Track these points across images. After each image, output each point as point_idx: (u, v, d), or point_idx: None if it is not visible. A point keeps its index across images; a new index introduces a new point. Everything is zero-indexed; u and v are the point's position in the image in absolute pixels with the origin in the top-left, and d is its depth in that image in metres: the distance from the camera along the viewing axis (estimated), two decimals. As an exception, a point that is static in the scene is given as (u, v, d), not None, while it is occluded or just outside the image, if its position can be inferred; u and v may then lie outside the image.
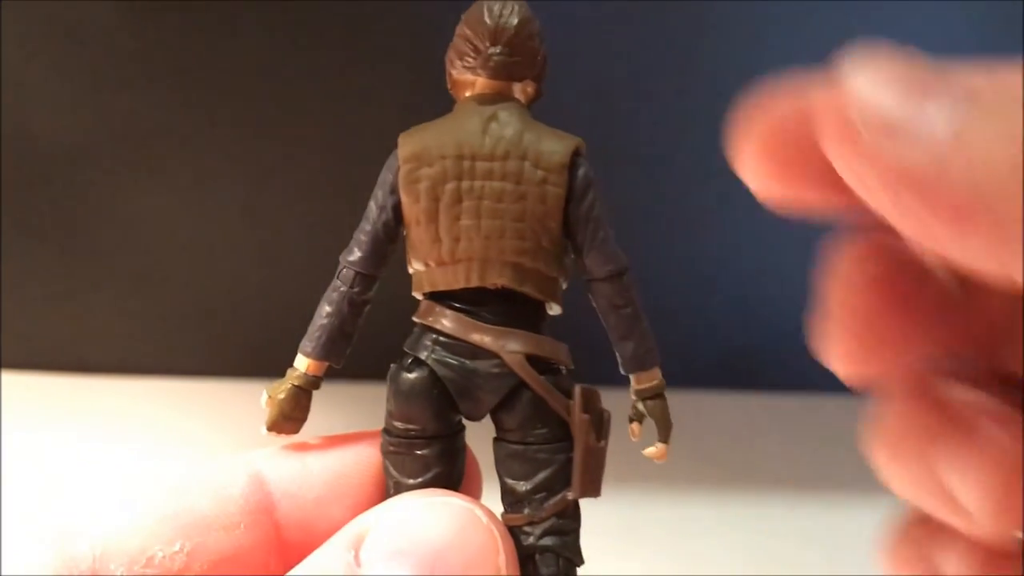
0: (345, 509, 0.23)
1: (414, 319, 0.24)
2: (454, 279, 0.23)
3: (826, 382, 0.20)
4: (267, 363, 0.63)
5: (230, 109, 0.60)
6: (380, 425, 0.25)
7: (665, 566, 0.43)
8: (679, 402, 0.24)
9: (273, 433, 0.24)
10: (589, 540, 0.24)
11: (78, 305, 0.63)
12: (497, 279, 0.23)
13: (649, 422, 0.25)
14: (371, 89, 0.60)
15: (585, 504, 0.24)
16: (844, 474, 0.55)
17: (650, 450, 0.24)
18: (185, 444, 0.55)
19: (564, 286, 0.24)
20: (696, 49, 0.61)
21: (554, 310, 0.24)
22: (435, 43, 0.26)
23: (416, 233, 0.23)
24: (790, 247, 0.65)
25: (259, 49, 0.59)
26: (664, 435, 0.24)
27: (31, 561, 0.21)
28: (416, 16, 0.58)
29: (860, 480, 0.24)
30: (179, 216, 0.62)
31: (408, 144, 0.23)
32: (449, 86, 0.25)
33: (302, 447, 0.24)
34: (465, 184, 0.23)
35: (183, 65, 0.59)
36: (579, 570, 0.24)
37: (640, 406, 0.24)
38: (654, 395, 0.24)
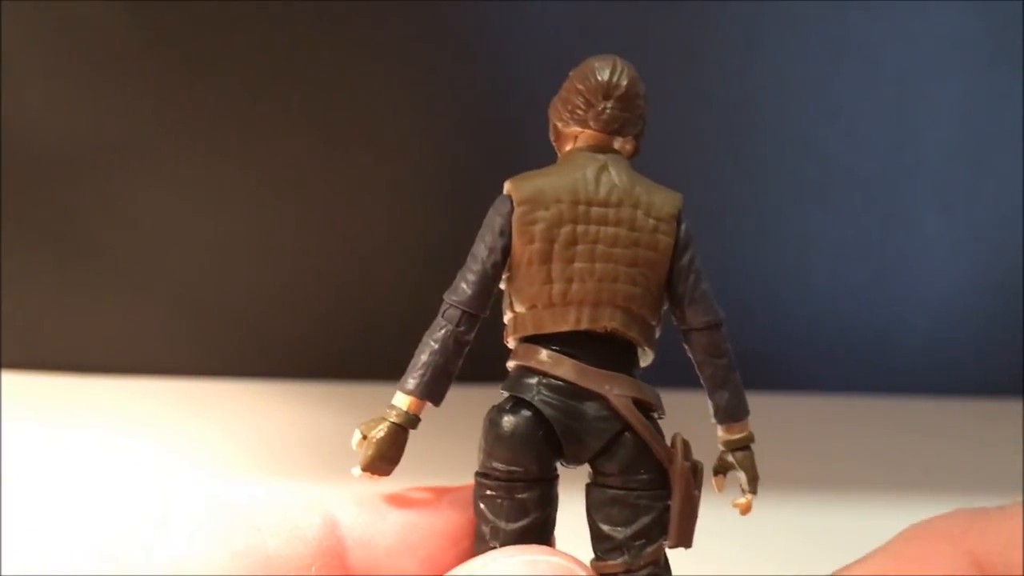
0: (418, 561, 0.23)
1: (511, 363, 0.24)
2: (563, 321, 0.23)
3: (826, 382, 0.20)
4: (268, 363, 0.63)
5: (230, 109, 0.60)
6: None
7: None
8: (679, 402, 0.24)
9: (367, 475, 0.23)
10: (588, 539, 0.24)
11: (78, 305, 0.63)
12: (608, 322, 0.23)
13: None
14: (371, 89, 0.60)
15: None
16: (844, 474, 0.55)
17: (740, 501, 0.25)
18: (186, 444, 0.55)
19: (656, 337, 0.24)
20: (700, 52, 0.61)
21: (647, 359, 0.25)
22: (436, 44, 0.26)
23: (526, 275, 0.24)
24: (790, 248, 0.65)
25: (259, 49, 0.59)
26: (752, 486, 0.25)
27: None
28: (417, 16, 0.58)
29: (860, 480, 0.24)
30: (179, 216, 0.62)
31: (522, 188, 0.24)
32: (553, 138, 0.25)
33: (378, 495, 0.24)
34: (580, 228, 0.23)
35: (183, 65, 0.59)
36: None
37: (729, 457, 0.25)
38: (743, 446, 0.25)
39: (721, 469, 0.25)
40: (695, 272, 0.24)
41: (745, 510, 0.25)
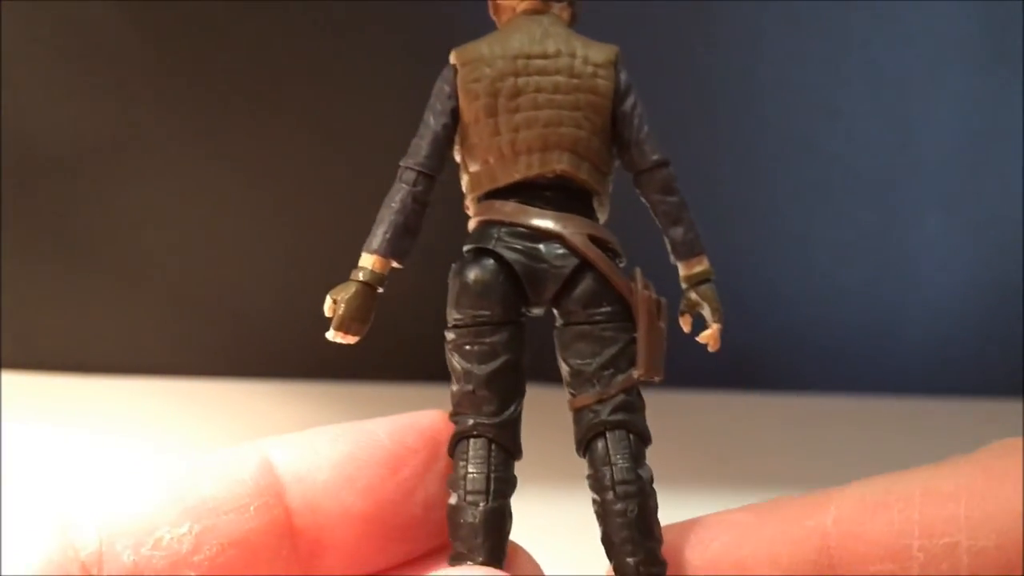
0: (356, 493, 0.23)
1: (473, 220, 0.25)
2: (515, 169, 0.24)
3: (826, 382, 0.20)
4: (267, 363, 0.63)
5: (230, 110, 0.60)
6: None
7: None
8: (679, 402, 0.24)
9: (340, 335, 0.25)
10: (588, 539, 0.24)
11: (78, 305, 0.63)
12: (556, 164, 0.24)
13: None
14: (371, 89, 0.60)
15: (585, 503, 0.24)
16: (844, 474, 0.55)
17: (704, 333, 0.25)
18: (186, 444, 0.55)
19: (609, 189, 0.25)
20: (701, 53, 0.61)
21: (603, 212, 0.25)
22: (436, 44, 0.26)
23: (475, 132, 0.25)
24: (790, 247, 0.65)
25: (259, 49, 0.59)
26: (717, 316, 0.25)
27: (33, 549, 0.21)
28: (418, 16, 0.58)
29: (860, 480, 0.24)
30: (179, 216, 0.62)
31: (465, 52, 0.25)
32: (492, 12, 0.26)
33: (311, 433, 0.24)
34: (522, 80, 0.24)
35: (182, 65, 0.59)
36: (576, 569, 0.24)
37: (692, 294, 0.25)
38: (703, 279, 0.25)
39: (687, 308, 0.25)
40: (638, 116, 0.25)
41: (710, 340, 0.25)
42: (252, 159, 0.61)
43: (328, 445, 0.24)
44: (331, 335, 0.25)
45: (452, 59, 0.25)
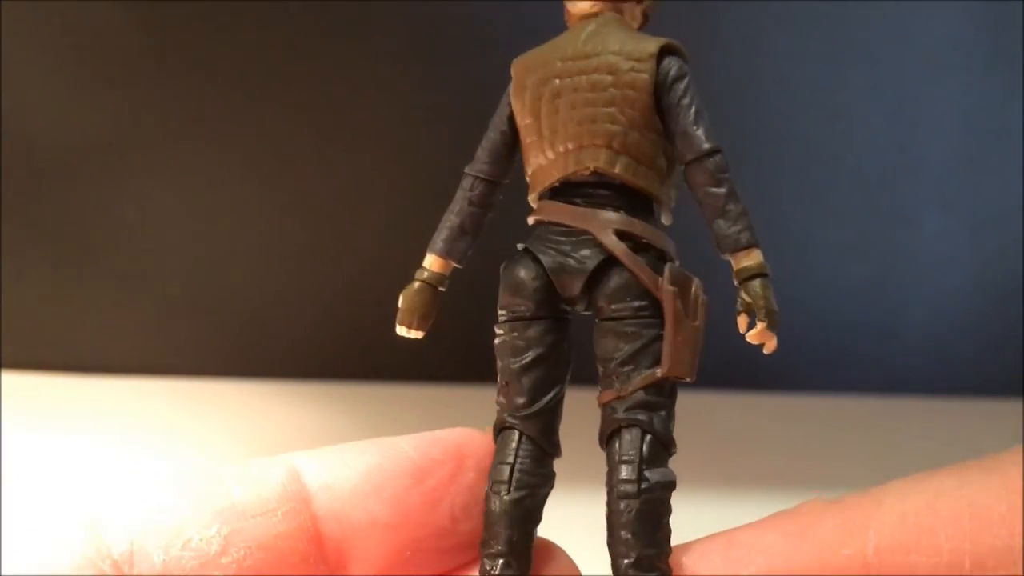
0: (381, 502, 0.23)
1: (531, 221, 0.25)
2: (556, 170, 0.24)
3: (826, 382, 0.20)
4: (267, 363, 0.63)
5: (230, 110, 0.60)
6: (380, 424, 0.25)
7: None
8: (679, 402, 0.24)
9: (403, 329, 0.25)
10: (588, 539, 0.24)
11: (78, 305, 0.63)
12: (591, 162, 0.24)
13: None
14: (372, 89, 0.60)
15: (585, 503, 0.24)
16: (844, 474, 0.55)
17: (751, 332, 0.23)
18: (186, 444, 0.55)
19: (670, 193, 0.25)
20: (701, 53, 0.61)
21: (664, 215, 0.25)
22: (436, 44, 0.26)
23: (525, 135, 0.25)
24: (790, 247, 0.65)
25: (258, 48, 0.59)
26: (763, 314, 0.23)
27: (64, 547, 0.21)
28: (419, 16, 0.58)
29: (860, 480, 0.24)
30: (179, 216, 0.62)
31: (519, 62, 0.25)
32: (567, 18, 0.26)
33: (338, 447, 0.24)
34: (562, 81, 0.24)
35: (182, 66, 0.59)
36: (587, 569, 0.24)
37: (742, 292, 0.23)
38: (754, 275, 0.24)
39: (742, 307, 0.24)
40: (685, 107, 0.24)
41: (759, 340, 0.23)
42: (254, 159, 0.61)
43: (355, 456, 0.24)
44: (399, 330, 0.26)
45: (512, 69, 0.25)
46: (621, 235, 0.24)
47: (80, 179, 0.61)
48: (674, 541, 0.23)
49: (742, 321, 0.24)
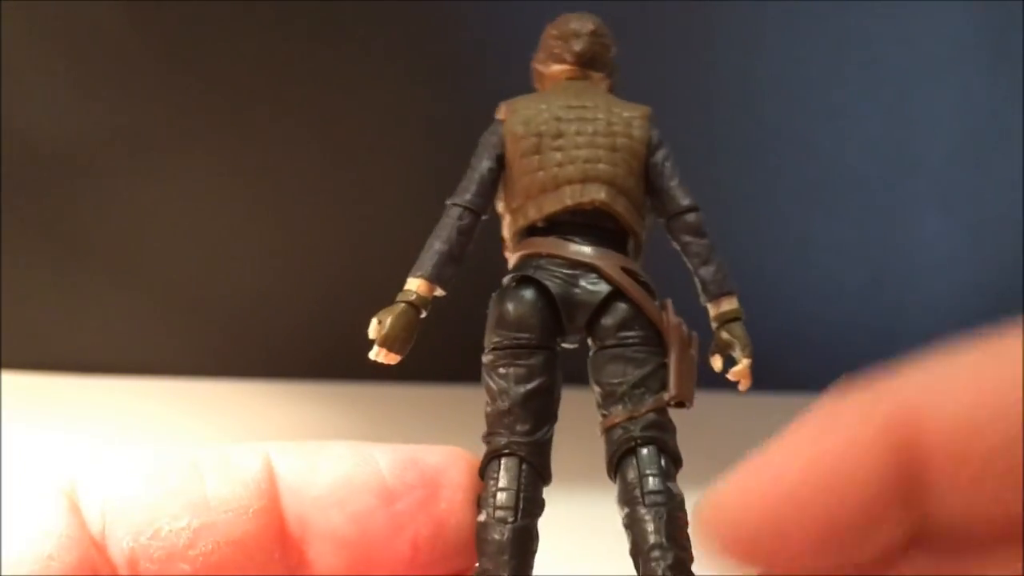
0: (344, 516, 0.23)
1: (513, 256, 0.26)
2: (556, 201, 0.25)
3: (826, 382, 0.20)
4: (266, 363, 0.63)
5: (230, 110, 0.60)
6: (379, 424, 0.25)
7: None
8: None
9: (381, 354, 0.25)
10: (588, 539, 0.24)
11: (78, 305, 0.63)
12: (595, 196, 0.25)
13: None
14: (369, 89, 0.60)
15: (584, 502, 0.24)
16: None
17: (734, 370, 0.26)
18: (186, 444, 0.55)
19: (644, 234, 0.26)
20: (701, 53, 0.61)
21: (638, 254, 0.26)
22: (435, 44, 0.26)
23: (519, 168, 0.26)
24: (790, 247, 0.65)
25: (255, 50, 0.59)
26: (747, 352, 0.26)
27: (46, 522, 0.21)
28: (417, 17, 0.58)
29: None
30: (178, 216, 0.62)
31: (511, 103, 0.27)
32: (536, 82, 0.28)
33: (317, 445, 0.24)
34: (563, 125, 0.26)
35: (181, 66, 0.59)
36: (576, 569, 0.24)
37: (723, 333, 0.26)
38: (733, 318, 0.26)
39: (718, 348, 0.26)
40: (670, 167, 0.27)
41: (741, 377, 0.26)
42: (252, 159, 0.61)
43: (329, 462, 0.23)
44: (374, 353, 0.26)
45: (500, 113, 0.27)
46: (626, 271, 0.25)
47: (79, 178, 0.61)
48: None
49: (716, 361, 0.26)
